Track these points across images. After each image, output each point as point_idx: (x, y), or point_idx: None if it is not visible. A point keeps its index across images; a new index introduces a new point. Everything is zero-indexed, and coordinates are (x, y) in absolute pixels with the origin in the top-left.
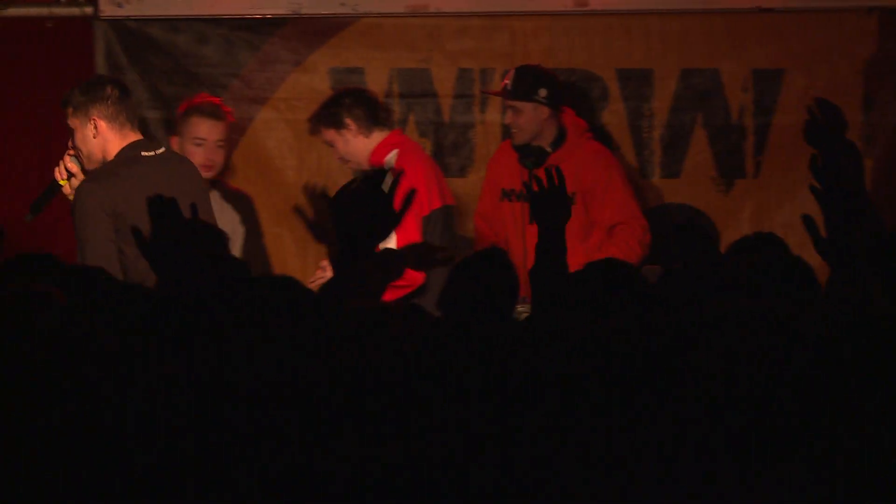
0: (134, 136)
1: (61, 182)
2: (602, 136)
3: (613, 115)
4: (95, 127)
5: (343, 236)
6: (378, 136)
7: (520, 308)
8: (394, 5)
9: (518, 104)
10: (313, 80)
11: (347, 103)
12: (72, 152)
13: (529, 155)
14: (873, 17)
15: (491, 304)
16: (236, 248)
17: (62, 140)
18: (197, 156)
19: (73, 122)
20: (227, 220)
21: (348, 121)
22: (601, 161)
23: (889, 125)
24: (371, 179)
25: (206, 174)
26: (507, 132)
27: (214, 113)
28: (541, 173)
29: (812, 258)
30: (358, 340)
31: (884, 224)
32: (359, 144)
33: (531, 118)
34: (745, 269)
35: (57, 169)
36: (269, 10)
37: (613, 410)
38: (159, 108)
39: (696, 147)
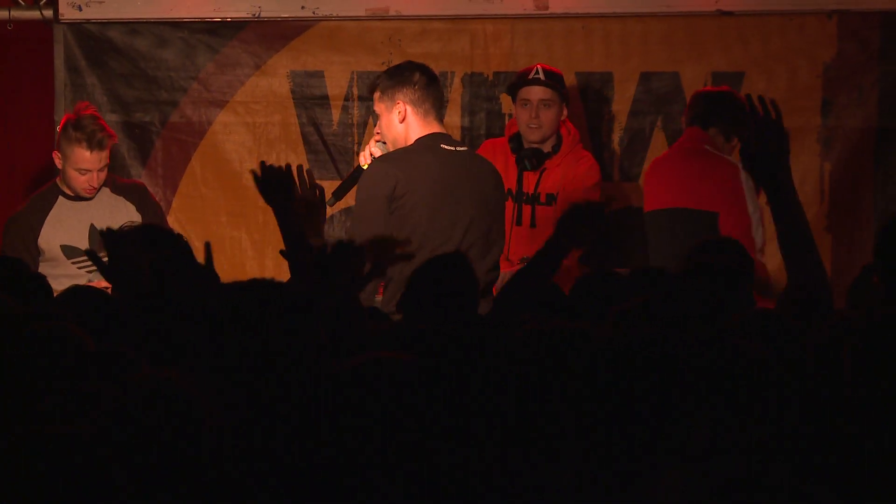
0: (438, 127)
1: (364, 167)
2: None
3: (573, 119)
4: (400, 112)
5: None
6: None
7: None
8: (354, 8)
9: (553, 97)
10: (273, 83)
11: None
12: (377, 138)
13: (530, 157)
14: (833, 21)
15: (452, 307)
16: None
17: (21, 140)
18: (80, 181)
19: (378, 106)
20: (122, 211)
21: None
22: (591, 172)
23: (847, 128)
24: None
25: (89, 194)
26: (466, 135)
27: (100, 144)
28: None
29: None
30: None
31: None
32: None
33: (557, 115)
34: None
35: (362, 153)
36: (230, 14)
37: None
38: (118, 112)
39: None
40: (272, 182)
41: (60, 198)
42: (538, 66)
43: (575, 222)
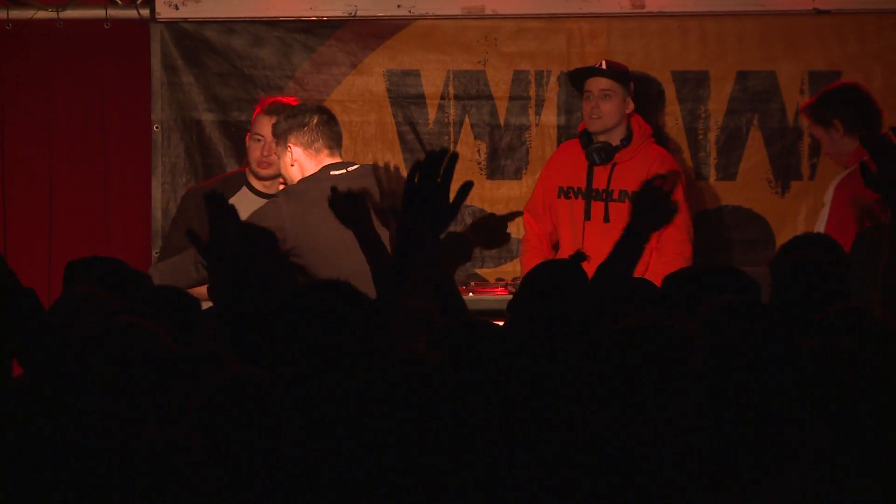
0: (332, 159)
1: None
2: (659, 137)
3: (669, 117)
4: (292, 155)
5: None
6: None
7: None
8: (450, 7)
9: (613, 87)
10: (369, 82)
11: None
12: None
13: (599, 151)
14: None
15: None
16: None
17: (117, 140)
18: (254, 150)
19: (277, 150)
20: None
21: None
22: (667, 164)
23: None
24: (427, 166)
25: (262, 171)
26: (563, 134)
27: (278, 111)
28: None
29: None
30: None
31: None
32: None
33: (618, 107)
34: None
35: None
36: (326, 13)
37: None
38: (214, 111)
39: (752, 149)
40: (346, 206)
41: (245, 188)
42: (603, 60)
43: (647, 211)
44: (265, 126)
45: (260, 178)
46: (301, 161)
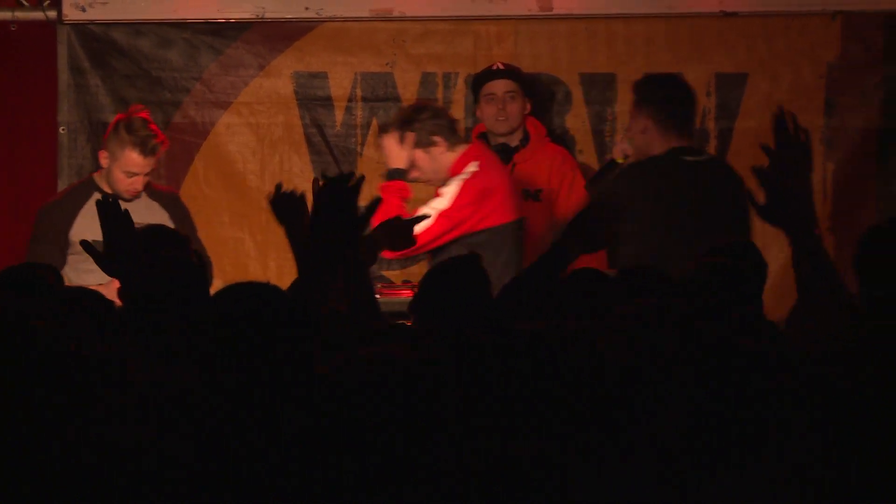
0: (678, 143)
1: (619, 160)
2: (565, 139)
3: (576, 120)
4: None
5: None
6: (460, 149)
7: None
8: (358, 9)
9: (516, 89)
10: (276, 84)
11: (427, 119)
12: (629, 135)
13: (499, 153)
14: (836, 22)
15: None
16: None
17: (24, 141)
18: (125, 183)
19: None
20: (157, 216)
21: (436, 138)
22: (567, 162)
23: (850, 129)
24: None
25: (131, 196)
26: (470, 136)
27: (153, 150)
28: None
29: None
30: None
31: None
32: (445, 160)
33: (521, 108)
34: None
35: (616, 148)
36: (233, 14)
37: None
38: (121, 112)
39: None
40: (285, 204)
41: (96, 193)
42: (497, 62)
43: (586, 228)
44: (140, 164)
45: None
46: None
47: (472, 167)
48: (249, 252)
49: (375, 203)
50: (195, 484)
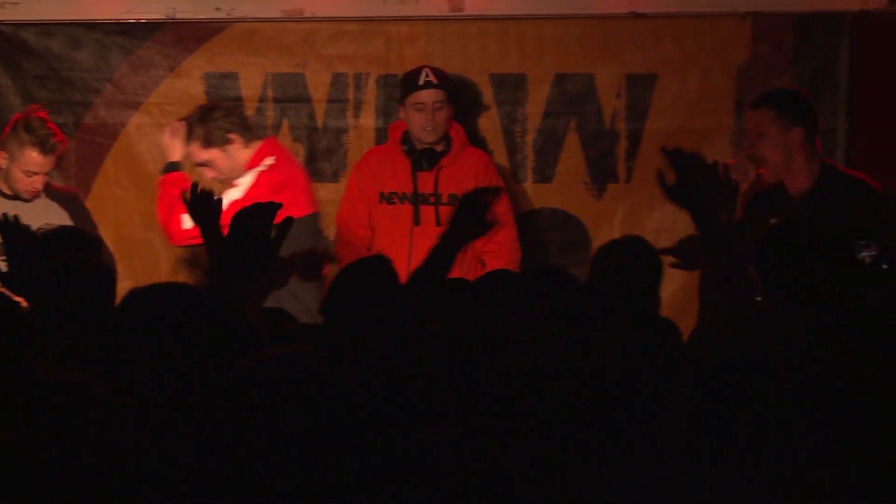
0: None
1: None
2: (477, 140)
3: (487, 120)
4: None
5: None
6: (256, 145)
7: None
8: (269, 10)
9: (444, 98)
10: (187, 84)
11: (220, 117)
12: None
13: (427, 156)
14: (746, 23)
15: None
16: None
17: None
18: (25, 183)
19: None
20: (56, 216)
21: (232, 136)
22: (490, 168)
23: None
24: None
25: (30, 196)
26: (381, 137)
27: (52, 149)
28: None
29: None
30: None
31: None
32: (241, 157)
33: (448, 115)
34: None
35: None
36: (144, 15)
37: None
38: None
39: (569, 152)
40: (200, 204)
41: None
42: (427, 69)
43: (465, 220)
44: (38, 163)
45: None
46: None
47: (268, 161)
48: (160, 253)
49: (288, 224)
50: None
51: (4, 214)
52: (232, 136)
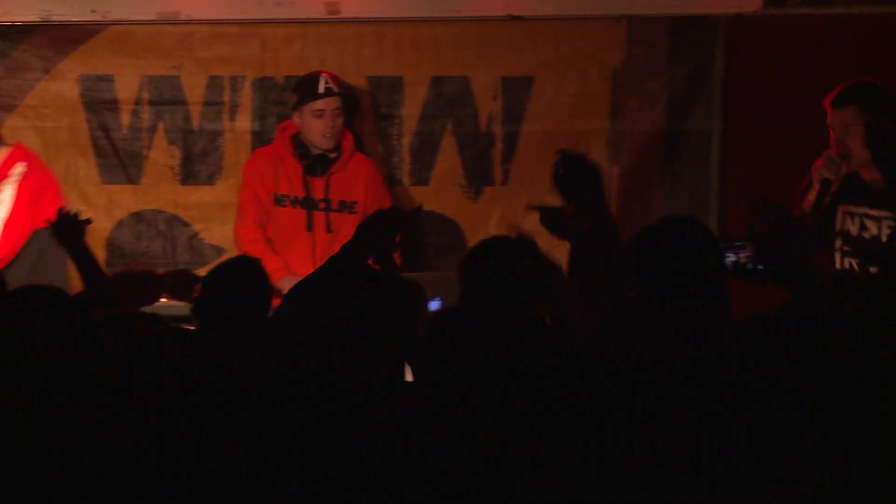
0: None
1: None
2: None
3: (364, 123)
4: None
5: None
6: (4, 152)
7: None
8: (145, 12)
9: (341, 105)
10: (62, 87)
11: None
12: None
13: (317, 163)
14: (622, 26)
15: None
16: None
17: None
18: None
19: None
20: None
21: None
22: (378, 175)
23: (636, 132)
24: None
25: None
26: (257, 139)
27: None
28: None
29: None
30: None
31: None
32: None
33: (344, 121)
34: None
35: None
36: (19, 17)
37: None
38: None
39: (446, 154)
40: (65, 228)
41: None
42: (325, 75)
43: (375, 228)
44: None
45: None
46: None
47: (19, 168)
48: None
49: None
50: None
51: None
52: None
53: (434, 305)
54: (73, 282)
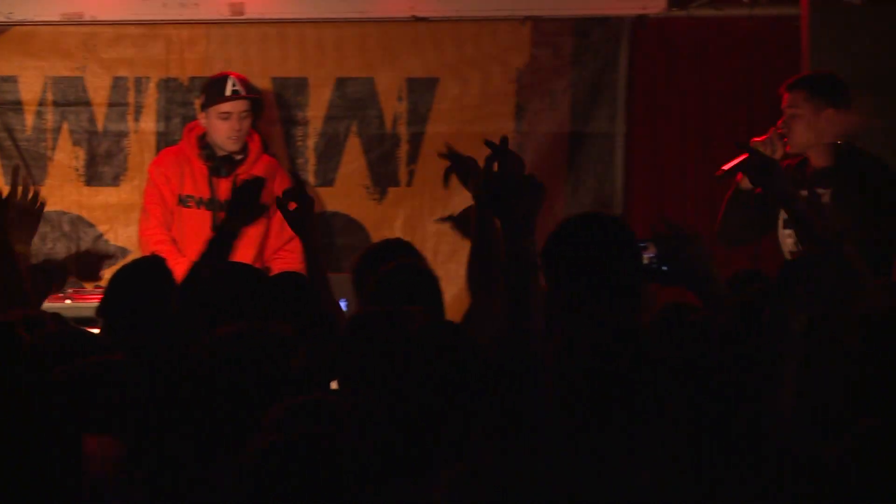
0: None
1: None
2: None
3: (269, 124)
4: None
5: None
6: None
7: None
8: (48, 13)
9: (249, 108)
10: None
11: None
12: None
13: (227, 163)
14: (526, 27)
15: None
16: None
17: None
18: None
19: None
20: None
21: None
22: (285, 177)
23: (540, 134)
24: None
25: None
26: (162, 140)
27: None
28: None
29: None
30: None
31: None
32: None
33: (250, 124)
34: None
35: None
36: None
37: None
38: None
39: (351, 155)
40: None
41: None
42: (233, 77)
43: (239, 209)
44: None
45: None
46: None
47: None
48: None
49: None
50: None
51: None
52: None
53: (342, 306)
54: None
